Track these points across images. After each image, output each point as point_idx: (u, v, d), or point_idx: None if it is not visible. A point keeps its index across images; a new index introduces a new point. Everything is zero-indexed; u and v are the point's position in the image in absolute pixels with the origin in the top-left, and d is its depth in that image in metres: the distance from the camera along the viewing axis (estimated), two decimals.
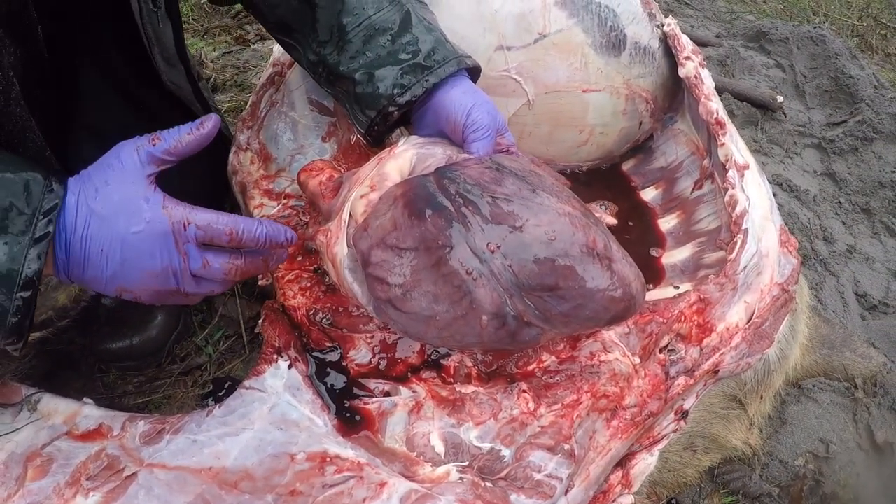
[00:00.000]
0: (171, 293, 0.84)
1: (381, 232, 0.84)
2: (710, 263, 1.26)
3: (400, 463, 0.89)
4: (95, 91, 1.07)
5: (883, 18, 3.07)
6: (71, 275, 0.80)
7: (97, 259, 0.79)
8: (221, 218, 0.83)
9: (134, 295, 0.83)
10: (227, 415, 0.96)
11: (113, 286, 0.81)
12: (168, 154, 0.81)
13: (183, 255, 0.81)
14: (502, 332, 0.83)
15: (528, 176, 0.86)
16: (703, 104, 1.34)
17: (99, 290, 0.82)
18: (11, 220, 0.73)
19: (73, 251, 0.78)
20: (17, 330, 0.75)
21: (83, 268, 0.79)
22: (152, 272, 0.81)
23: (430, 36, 1.02)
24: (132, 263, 0.80)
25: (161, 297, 0.84)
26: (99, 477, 0.89)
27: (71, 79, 1.03)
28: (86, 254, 0.79)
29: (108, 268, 0.79)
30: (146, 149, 0.81)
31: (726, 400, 1.20)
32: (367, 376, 0.97)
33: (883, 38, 2.97)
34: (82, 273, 0.79)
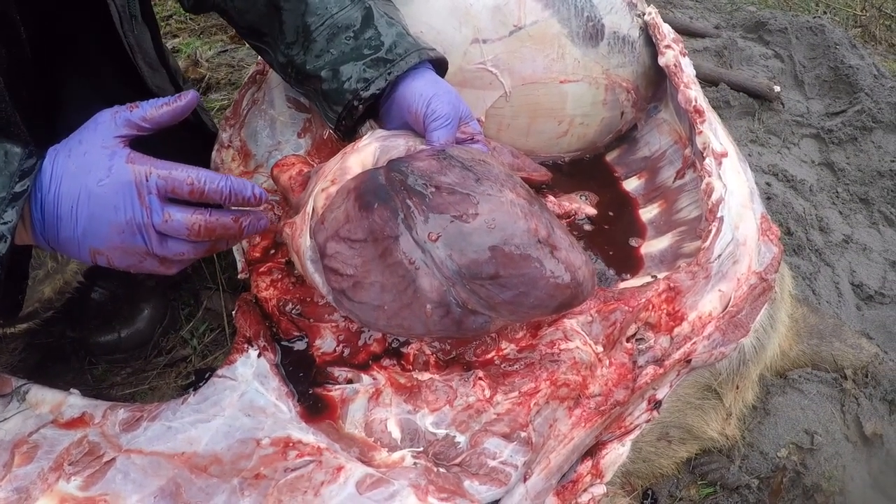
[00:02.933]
0: (141, 255, 0.84)
1: (335, 224, 0.86)
2: (689, 252, 1.26)
3: (358, 448, 0.91)
4: (79, 96, 1.11)
5: (887, 9, 3.02)
6: (47, 237, 0.81)
7: (68, 217, 0.80)
8: (183, 168, 0.84)
9: (106, 258, 0.83)
10: (200, 402, 0.99)
11: (85, 247, 0.82)
12: (143, 121, 0.84)
13: (146, 208, 0.82)
14: (447, 320, 0.84)
15: (475, 166, 0.87)
16: (682, 92, 1.33)
17: (74, 254, 0.83)
18: None
19: (46, 211, 0.80)
20: None
21: (57, 228, 0.80)
22: (117, 226, 0.81)
23: (391, 30, 1.04)
24: (99, 218, 0.80)
25: (133, 261, 0.84)
26: (80, 462, 0.93)
27: (55, 85, 1.07)
28: (58, 213, 0.80)
29: (78, 225, 0.80)
30: (123, 114, 0.83)
31: (701, 390, 1.20)
32: (331, 364, 1.00)
33: (887, 28, 2.92)
34: (56, 234, 0.81)
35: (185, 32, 2.23)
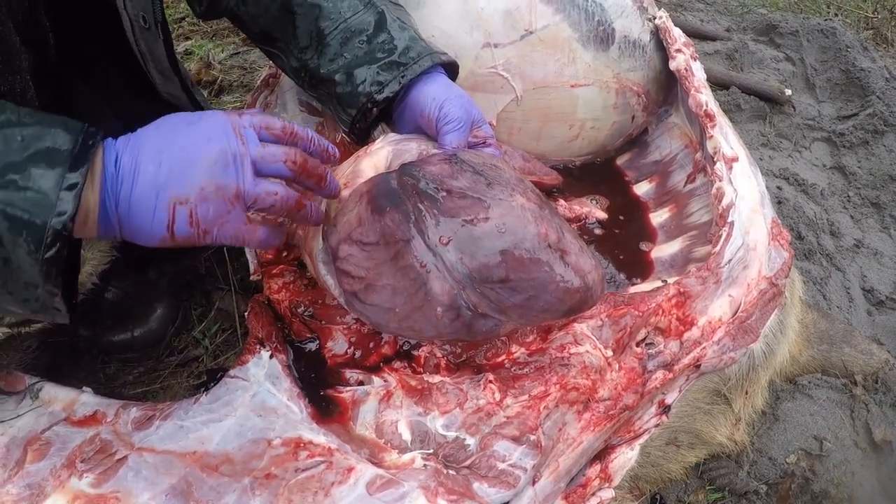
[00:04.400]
0: (230, 201, 0.77)
1: (347, 227, 0.87)
2: (700, 257, 1.26)
3: (368, 449, 0.92)
4: (89, 102, 1.12)
5: None
6: (119, 194, 0.74)
7: (148, 161, 0.74)
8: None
9: (188, 210, 0.75)
10: (212, 402, 1.00)
11: (164, 200, 0.74)
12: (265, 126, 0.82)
13: (240, 138, 0.78)
14: (458, 323, 0.85)
15: (486, 170, 0.87)
16: (693, 96, 1.34)
17: (147, 218, 0.75)
18: (53, 152, 0.70)
19: (122, 162, 0.74)
20: (60, 238, 0.70)
21: (133, 178, 0.74)
22: (209, 156, 0.75)
23: (404, 34, 1.05)
24: (188, 150, 0.75)
25: (219, 211, 0.76)
26: (92, 459, 0.94)
27: (68, 89, 1.08)
28: (135, 162, 0.74)
29: (160, 170, 0.74)
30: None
31: (710, 395, 1.20)
32: (343, 366, 1.00)
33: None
34: (131, 187, 0.74)
35: (198, 35, 2.25)
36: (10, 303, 0.74)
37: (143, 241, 0.77)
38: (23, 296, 0.72)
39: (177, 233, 0.76)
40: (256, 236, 0.81)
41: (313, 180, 0.86)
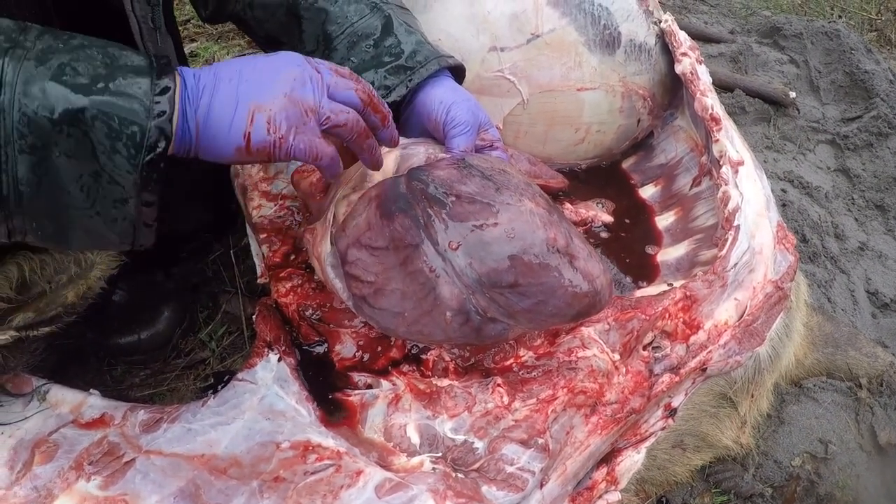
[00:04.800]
0: (305, 112, 0.79)
1: (356, 232, 0.88)
2: (706, 261, 1.26)
3: (377, 453, 0.92)
4: None
5: None
6: (199, 101, 0.75)
7: (228, 77, 0.77)
8: None
9: (266, 116, 0.76)
10: (220, 405, 1.00)
11: (244, 105, 0.76)
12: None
13: (316, 69, 0.82)
14: (467, 327, 0.85)
15: (495, 175, 0.88)
16: (699, 100, 1.34)
17: (225, 123, 0.75)
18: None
19: (202, 77, 0.76)
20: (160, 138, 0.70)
21: (214, 88, 0.76)
22: (288, 74, 0.79)
23: (411, 38, 1.05)
24: (266, 72, 0.78)
25: (294, 121, 0.78)
26: (100, 462, 0.94)
27: None
28: (215, 78, 0.76)
29: (241, 82, 0.77)
30: None
31: (716, 398, 1.20)
32: (351, 369, 1.01)
33: None
34: (212, 95, 0.75)
35: (203, 37, 2.25)
36: (95, 226, 0.73)
37: (219, 150, 0.77)
38: (111, 215, 0.72)
39: (253, 140, 0.76)
40: (328, 151, 0.82)
41: (379, 117, 0.88)
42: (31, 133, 0.65)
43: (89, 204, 0.71)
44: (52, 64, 0.67)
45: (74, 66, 0.67)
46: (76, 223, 0.72)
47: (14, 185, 0.67)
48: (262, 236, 1.14)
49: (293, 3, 1.08)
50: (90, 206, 0.71)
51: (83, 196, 0.70)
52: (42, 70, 0.66)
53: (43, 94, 0.65)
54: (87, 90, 0.67)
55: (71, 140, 0.67)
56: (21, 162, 0.66)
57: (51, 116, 0.65)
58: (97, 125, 0.67)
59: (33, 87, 0.65)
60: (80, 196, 0.70)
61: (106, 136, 0.67)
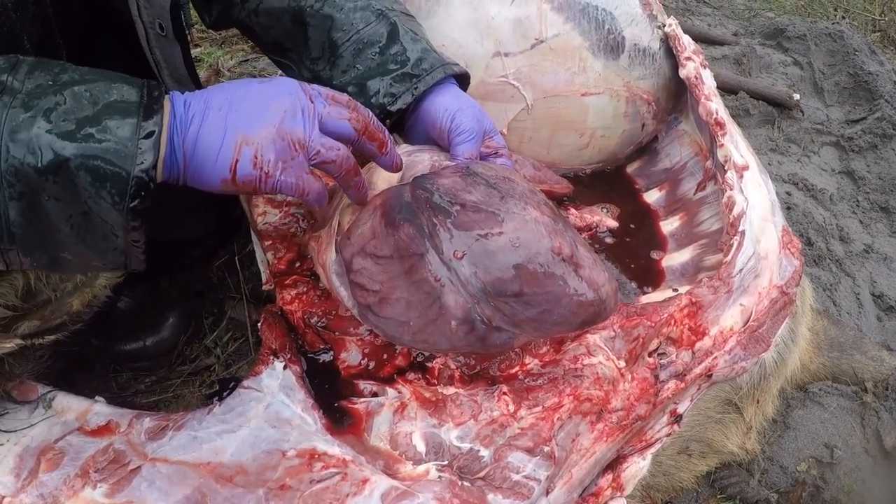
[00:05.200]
0: (294, 146, 0.78)
1: (361, 240, 0.88)
2: (711, 266, 1.26)
3: (383, 461, 0.92)
4: None
5: None
6: (187, 131, 0.75)
7: (218, 105, 0.76)
8: None
9: (254, 150, 0.76)
10: (226, 413, 1.00)
11: (231, 139, 0.75)
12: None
13: (309, 97, 0.81)
14: (472, 336, 0.85)
15: (500, 183, 0.88)
16: (703, 105, 1.34)
17: (213, 149, 0.75)
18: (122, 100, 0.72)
19: (192, 105, 0.76)
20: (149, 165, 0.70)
21: (203, 117, 0.75)
22: (279, 105, 0.78)
23: (416, 45, 1.05)
24: (258, 99, 0.78)
25: (282, 155, 0.77)
26: (106, 469, 0.94)
27: None
28: (205, 105, 0.76)
29: (230, 112, 0.76)
30: None
31: (722, 404, 1.20)
32: (356, 377, 1.01)
33: None
34: (200, 125, 0.75)
35: (207, 42, 2.25)
36: (87, 256, 0.75)
37: (205, 181, 0.77)
38: (101, 248, 0.74)
39: (239, 173, 0.76)
40: (315, 187, 0.81)
41: (375, 144, 0.88)
42: (19, 181, 0.67)
43: (80, 239, 0.73)
44: (39, 109, 0.68)
45: (61, 110, 0.68)
46: (68, 254, 0.74)
47: (6, 227, 0.69)
48: (267, 243, 1.14)
49: (299, 10, 1.08)
50: (81, 241, 0.73)
51: (73, 233, 0.72)
52: (28, 117, 0.67)
53: (28, 144, 0.66)
54: (72, 136, 0.68)
55: (58, 186, 0.68)
56: (11, 207, 0.68)
57: (37, 166, 0.66)
58: (81, 174, 0.68)
59: (19, 136, 0.66)
60: (70, 233, 0.72)
61: (90, 185, 0.68)
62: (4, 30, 0.78)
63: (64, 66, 0.72)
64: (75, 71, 0.72)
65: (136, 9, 0.99)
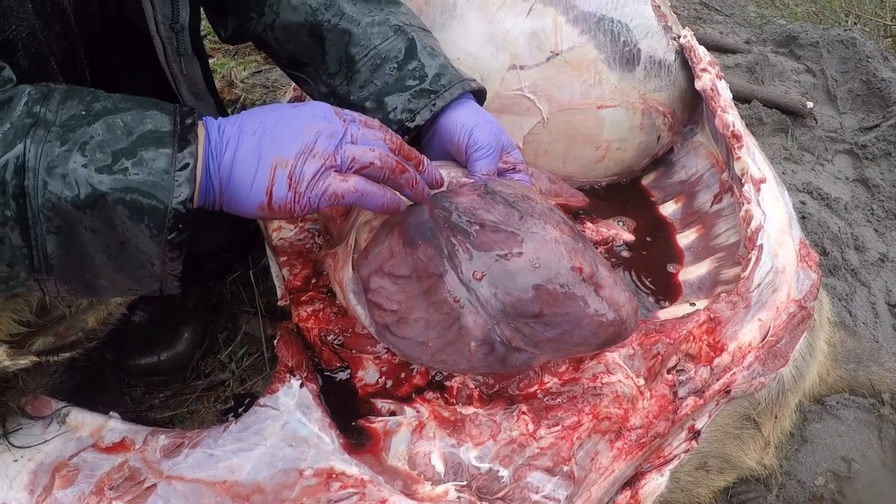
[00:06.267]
0: (328, 159, 0.77)
1: (379, 259, 0.87)
2: (728, 279, 1.25)
3: (401, 481, 0.91)
4: None
5: None
6: (223, 157, 0.75)
7: (252, 130, 0.76)
8: None
9: (289, 170, 0.75)
10: (242, 431, 1.00)
11: (267, 160, 0.75)
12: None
13: (343, 120, 0.81)
14: (491, 357, 0.84)
15: (518, 202, 0.87)
16: (720, 117, 1.33)
17: (249, 173, 0.75)
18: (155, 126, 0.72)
19: (226, 130, 0.76)
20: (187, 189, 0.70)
21: (238, 142, 0.76)
22: (312, 128, 0.77)
23: (434, 61, 1.04)
24: (291, 125, 0.77)
25: (314, 168, 0.76)
26: (121, 487, 0.94)
27: None
28: (239, 131, 0.77)
29: (264, 136, 0.76)
30: None
31: (740, 419, 1.19)
32: (374, 396, 1.00)
33: None
34: (235, 150, 0.76)
35: (220, 53, 2.26)
36: (124, 283, 0.76)
37: (241, 206, 0.77)
38: (138, 275, 0.75)
39: (275, 196, 0.75)
40: (348, 186, 0.78)
41: (412, 163, 0.86)
42: (57, 216, 0.67)
43: (117, 268, 0.73)
44: (75, 142, 0.68)
45: (95, 142, 0.68)
46: (104, 281, 0.75)
47: (44, 259, 0.69)
48: (283, 259, 1.14)
49: (316, 25, 1.07)
50: (118, 269, 0.73)
51: (110, 262, 0.72)
52: (63, 152, 0.67)
53: (65, 178, 0.66)
54: (109, 170, 0.68)
55: (95, 220, 0.68)
56: (49, 240, 0.68)
57: (75, 201, 0.67)
58: (119, 208, 0.68)
59: (56, 171, 0.66)
60: (106, 262, 0.72)
61: (128, 218, 0.69)
62: (32, 51, 0.78)
63: (96, 95, 0.73)
64: (107, 99, 0.73)
65: (154, 25, 0.99)
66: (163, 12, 0.98)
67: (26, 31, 0.76)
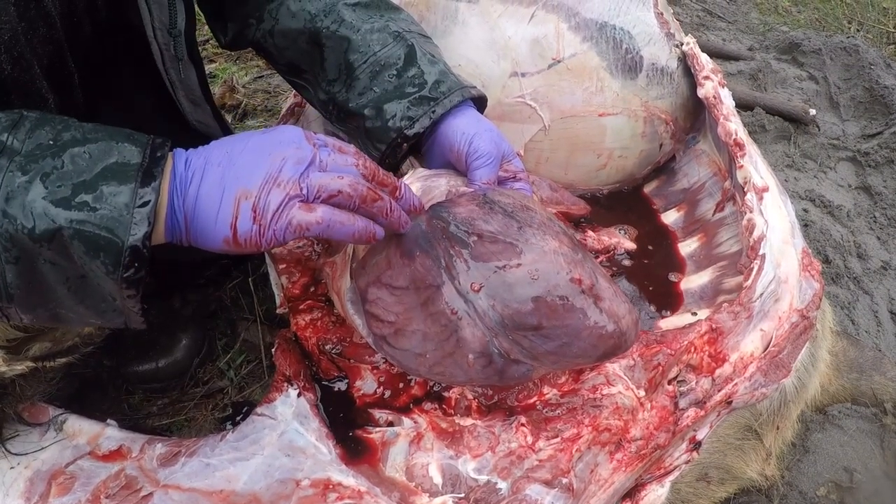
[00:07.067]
0: (292, 189, 0.73)
1: (377, 270, 0.86)
2: (730, 288, 1.24)
3: (399, 492, 0.91)
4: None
5: None
6: (187, 191, 0.72)
7: (217, 161, 0.73)
8: None
9: (251, 201, 0.72)
10: (239, 440, 0.99)
11: (231, 193, 0.72)
12: None
13: (314, 145, 0.77)
14: (490, 369, 0.84)
15: (517, 212, 0.86)
16: (722, 125, 1.32)
17: (213, 208, 0.72)
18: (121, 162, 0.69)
19: (192, 163, 0.74)
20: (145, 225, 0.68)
21: (202, 175, 0.73)
22: (278, 156, 0.73)
23: (434, 68, 1.04)
24: (257, 153, 0.74)
25: (278, 199, 0.72)
26: (117, 496, 0.94)
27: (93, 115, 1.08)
28: (205, 162, 0.73)
29: (229, 167, 0.73)
30: None
31: (741, 430, 1.18)
32: (372, 406, 0.99)
33: None
34: (199, 184, 0.72)
35: (222, 58, 2.25)
36: (86, 315, 0.75)
37: (208, 241, 0.74)
38: (100, 308, 0.73)
39: (239, 230, 0.72)
40: (314, 217, 0.74)
41: (388, 189, 0.82)
42: (15, 246, 0.66)
43: (78, 300, 0.72)
44: (37, 172, 0.67)
45: (57, 174, 0.67)
46: (69, 313, 0.74)
47: (4, 288, 0.69)
48: (282, 266, 1.13)
49: (315, 32, 1.07)
50: (79, 301, 0.72)
51: (71, 294, 0.71)
52: (24, 182, 0.66)
53: (22, 210, 0.65)
54: (67, 204, 0.66)
55: (52, 252, 0.67)
56: (9, 270, 0.67)
57: (32, 233, 0.66)
58: (75, 243, 0.67)
59: (14, 202, 0.65)
60: (67, 294, 0.71)
61: (84, 253, 0.67)
62: (15, 54, 0.77)
63: (67, 123, 0.71)
64: (78, 129, 0.71)
65: (152, 31, 0.99)
66: (160, 18, 0.97)
67: (8, 34, 0.75)
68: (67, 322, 0.76)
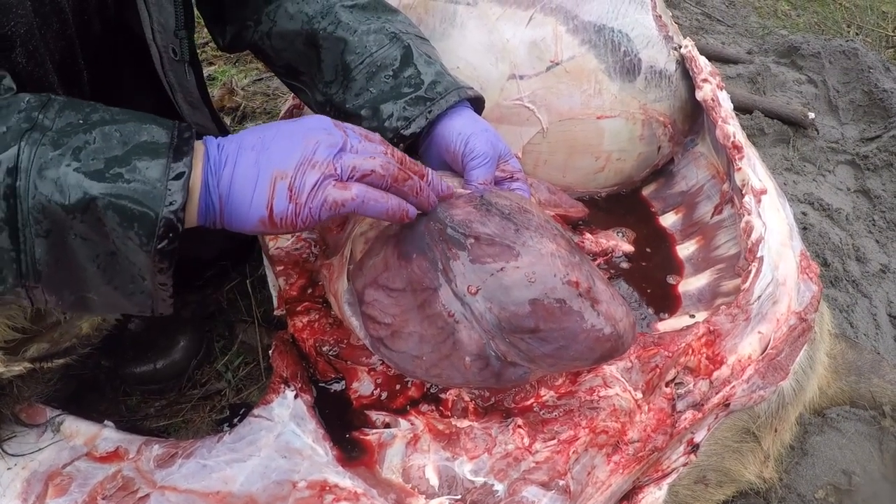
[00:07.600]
0: (327, 169, 0.75)
1: (374, 272, 0.86)
2: (728, 291, 1.24)
3: (395, 494, 0.91)
4: None
5: None
6: (222, 173, 0.75)
7: (251, 146, 0.76)
8: None
9: (288, 182, 0.74)
10: (236, 441, 1.00)
11: (266, 174, 0.74)
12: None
13: (343, 132, 0.80)
14: (486, 372, 0.83)
15: (514, 214, 0.86)
16: (720, 128, 1.32)
17: (249, 188, 0.74)
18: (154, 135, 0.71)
19: (225, 147, 0.76)
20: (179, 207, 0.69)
21: (237, 158, 0.75)
22: (311, 140, 0.76)
23: (430, 69, 1.04)
24: (290, 138, 0.77)
25: (313, 179, 0.75)
26: (114, 497, 0.94)
27: None
28: (238, 147, 0.76)
29: (263, 151, 0.76)
30: None
31: (739, 433, 1.18)
32: (369, 408, 0.99)
33: None
34: (234, 165, 0.75)
35: (221, 60, 2.26)
36: (114, 298, 0.74)
37: (242, 222, 0.76)
38: (129, 289, 0.73)
39: (276, 210, 0.74)
40: (349, 193, 0.76)
41: (416, 174, 0.85)
42: (46, 219, 0.66)
43: (106, 280, 0.72)
44: (68, 147, 0.67)
45: (90, 149, 0.68)
46: (94, 295, 0.74)
47: (32, 265, 0.68)
48: (279, 268, 1.13)
49: (312, 33, 1.07)
50: (107, 281, 0.72)
51: (100, 273, 0.71)
52: (57, 155, 0.66)
53: (56, 181, 0.66)
54: (101, 176, 0.67)
55: (85, 225, 0.68)
56: (38, 245, 0.67)
57: (64, 204, 0.66)
58: (109, 213, 0.67)
59: (47, 173, 0.66)
60: (96, 273, 0.71)
61: (118, 224, 0.68)
62: (30, 48, 0.78)
63: (95, 106, 0.72)
64: (106, 111, 0.72)
65: (151, 33, 0.99)
66: (159, 20, 0.97)
67: (24, 28, 0.76)
68: (92, 308, 0.76)
